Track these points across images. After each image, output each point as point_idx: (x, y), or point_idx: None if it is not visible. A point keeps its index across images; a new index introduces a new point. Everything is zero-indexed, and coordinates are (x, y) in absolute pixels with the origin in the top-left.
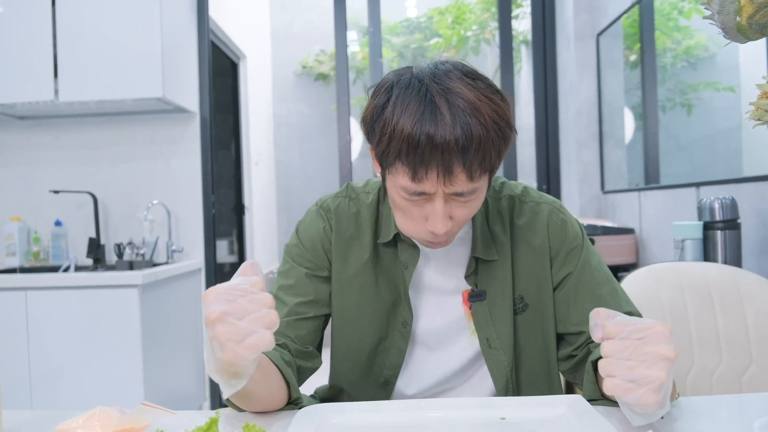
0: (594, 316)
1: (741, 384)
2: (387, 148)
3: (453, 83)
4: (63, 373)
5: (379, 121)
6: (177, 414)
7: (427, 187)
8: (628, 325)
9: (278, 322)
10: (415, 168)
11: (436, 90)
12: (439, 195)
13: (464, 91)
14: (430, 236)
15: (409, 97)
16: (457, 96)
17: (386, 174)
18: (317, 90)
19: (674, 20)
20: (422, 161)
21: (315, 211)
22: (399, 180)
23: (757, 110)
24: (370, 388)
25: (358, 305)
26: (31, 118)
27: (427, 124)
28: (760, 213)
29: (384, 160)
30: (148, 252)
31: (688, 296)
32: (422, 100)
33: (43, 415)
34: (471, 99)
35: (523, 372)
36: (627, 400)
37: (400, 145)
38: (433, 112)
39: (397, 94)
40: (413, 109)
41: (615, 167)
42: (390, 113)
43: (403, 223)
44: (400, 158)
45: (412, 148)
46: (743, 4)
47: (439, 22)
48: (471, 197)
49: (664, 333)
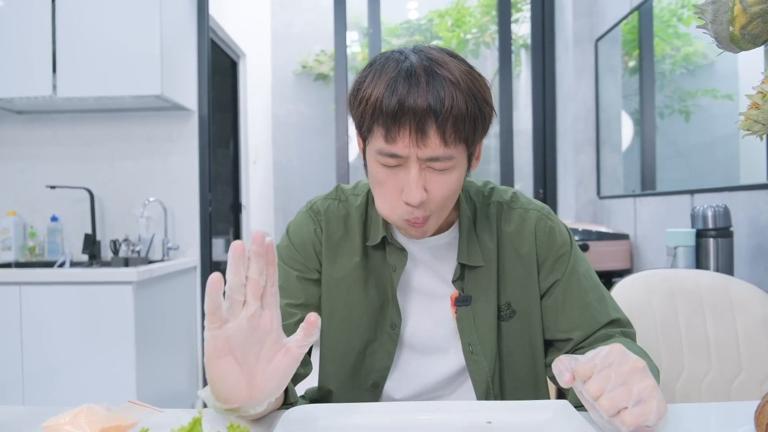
0: (557, 364)
1: (730, 391)
2: (363, 111)
3: (435, 54)
4: (56, 369)
5: (360, 90)
6: (164, 412)
7: (400, 148)
8: (594, 359)
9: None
10: (388, 127)
11: (416, 59)
12: (413, 160)
13: (445, 60)
14: (406, 212)
15: (388, 64)
16: (436, 64)
17: (366, 147)
18: (316, 90)
19: (673, 27)
20: (394, 120)
21: (305, 213)
22: (375, 144)
23: (747, 120)
24: (359, 390)
25: (347, 307)
26: (29, 113)
27: (401, 86)
28: (753, 221)
29: (362, 128)
30: (143, 249)
31: (680, 303)
32: (399, 66)
33: (31, 411)
34: (451, 69)
35: (508, 379)
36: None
37: (374, 106)
38: (408, 75)
39: (378, 64)
40: (389, 72)
41: (611, 173)
42: (369, 80)
43: (381, 201)
44: (375, 120)
45: (384, 108)
46: (736, 15)
47: (439, 25)
48: (446, 165)
49: (621, 349)
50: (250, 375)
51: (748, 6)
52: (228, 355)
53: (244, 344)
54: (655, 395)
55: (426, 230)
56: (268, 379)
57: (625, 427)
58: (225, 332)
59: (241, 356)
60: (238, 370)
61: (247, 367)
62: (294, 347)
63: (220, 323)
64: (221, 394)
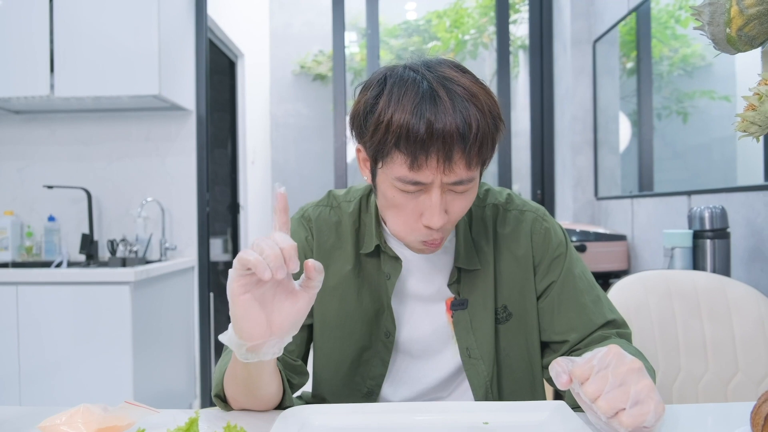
0: (554, 366)
1: (727, 392)
2: (383, 137)
3: (447, 71)
4: (53, 369)
5: (373, 112)
6: (160, 412)
7: (426, 176)
8: (591, 361)
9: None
10: (414, 155)
11: (432, 77)
12: (437, 185)
13: (460, 78)
14: (425, 234)
15: (405, 85)
16: (453, 83)
17: (378, 169)
18: (315, 90)
19: (671, 28)
20: (422, 148)
21: (297, 221)
22: (395, 170)
23: (743, 122)
24: (354, 397)
25: (339, 316)
26: (27, 112)
27: (428, 110)
28: (749, 222)
29: (379, 152)
30: (141, 249)
31: (677, 304)
32: (419, 87)
33: (28, 411)
34: (468, 86)
35: (505, 381)
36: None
37: (399, 132)
38: (432, 98)
39: (392, 83)
40: (411, 95)
41: (609, 173)
42: (386, 103)
43: (396, 223)
44: (399, 147)
45: (412, 135)
46: (733, 16)
47: (438, 26)
48: (467, 188)
49: (617, 350)
50: (270, 312)
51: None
52: (250, 293)
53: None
54: (652, 396)
55: (440, 246)
56: (285, 318)
57: (623, 428)
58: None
59: (261, 297)
60: (259, 306)
61: (266, 307)
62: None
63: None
64: (244, 331)
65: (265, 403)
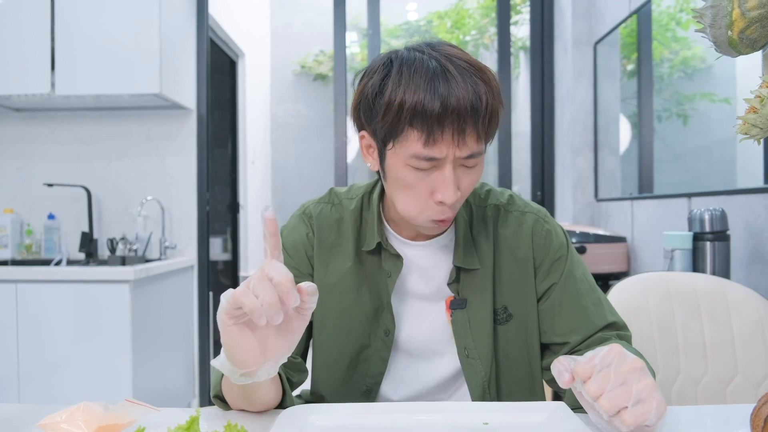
0: (557, 365)
1: (726, 394)
2: (396, 116)
3: (450, 50)
4: (52, 367)
5: (383, 94)
6: (161, 411)
7: (440, 150)
8: (593, 360)
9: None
10: (430, 131)
11: (437, 56)
12: (449, 160)
13: (463, 55)
14: (437, 212)
15: (414, 64)
16: (459, 59)
17: (388, 152)
18: (315, 90)
19: (672, 31)
20: (438, 124)
21: (298, 217)
22: (410, 148)
23: (744, 124)
24: (352, 396)
25: (339, 313)
26: (27, 110)
27: (441, 86)
28: (749, 225)
29: (391, 132)
30: (140, 248)
31: (676, 306)
32: (428, 66)
33: (28, 409)
34: (473, 61)
35: (505, 382)
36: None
37: (414, 110)
38: (443, 74)
39: (399, 64)
40: (422, 73)
41: (609, 175)
42: (395, 83)
43: (408, 203)
44: (413, 124)
45: (428, 111)
46: (735, 19)
47: (439, 26)
48: (477, 161)
49: (619, 349)
50: (262, 339)
51: (747, 11)
52: (241, 321)
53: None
54: (654, 395)
55: (450, 223)
56: (279, 341)
57: (625, 426)
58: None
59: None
60: (251, 334)
61: (259, 332)
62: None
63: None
64: (236, 359)
65: (265, 406)
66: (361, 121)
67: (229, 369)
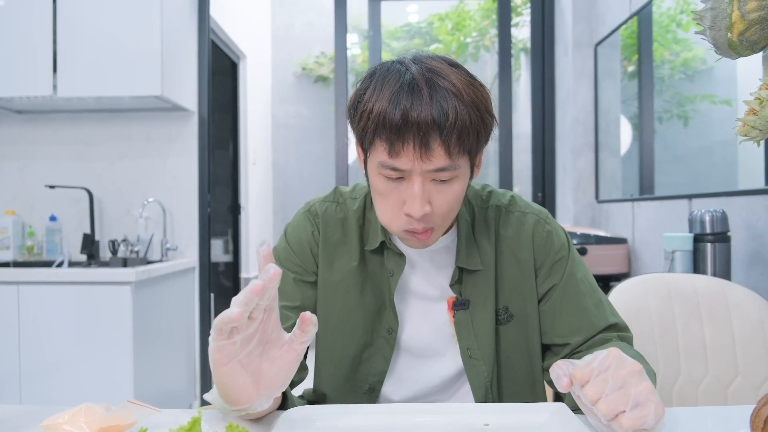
0: (555, 369)
1: (727, 395)
2: (366, 125)
3: (435, 64)
4: (53, 368)
5: (360, 102)
6: (162, 412)
7: (404, 162)
8: (592, 364)
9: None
10: (391, 142)
11: (417, 70)
12: (416, 172)
13: (446, 71)
14: (406, 222)
15: (390, 76)
16: (438, 75)
17: (367, 159)
18: (316, 92)
19: (672, 32)
20: (398, 135)
21: (303, 215)
22: (378, 157)
23: (744, 126)
24: (355, 394)
25: (343, 311)
26: (29, 112)
27: (404, 99)
28: (750, 226)
29: (364, 139)
30: (142, 249)
31: (677, 307)
32: (401, 78)
33: (30, 410)
34: (452, 80)
35: (506, 383)
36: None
37: (377, 120)
38: (411, 87)
39: (378, 75)
40: (391, 85)
41: (610, 176)
42: (370, 93)
43: (382, 211)
44: (378, 134)
45: (388, 122)
46: (734, 21)
47: (440, 28)
48: (451, 175)
49: (617, 353)
50: (256, 375)
51: (747, 13)
52: (233, 360)
53: (248, 348)
54: (652, 398)
55: (428, 242)
56: (273, 377)
57: (623, 430)
58: (232, 343)
59: (246, 359)
60: (244, 372)
61: (252, 369)
62: (295, 343)
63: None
64: (229, 397)
65: (265, 414)
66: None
67: (221, 405)
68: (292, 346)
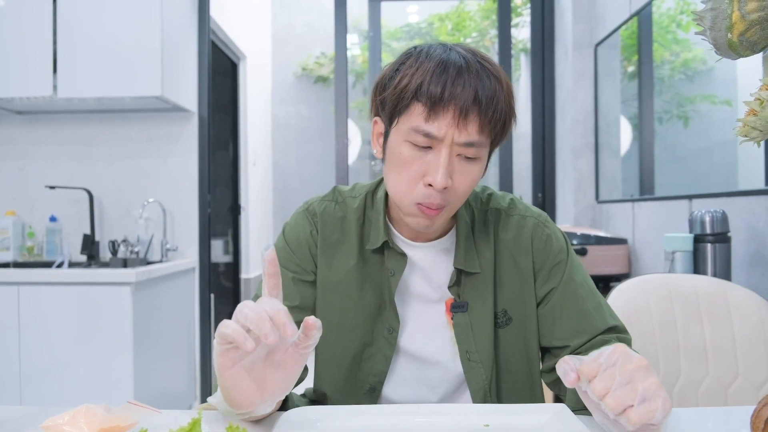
0: (562, 365)
1: (727, 396)
2: (406, 87)
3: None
4: (54, 369)
5: (398, 71)
6: (163, 413)
7: (439, 128)
8: (599, 359)
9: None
10: (432, 106)
11: (462, 49)
12: (447, 143)
13: (489, 58)
14: (423, 195)
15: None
16: (483, 59)
17: (392, 130)
18: (316, 92)
19: (672, 33)
20: (440, 100)
21: (301, 214)
22: (412, 121)
23: (744, 127)
24: (356, 395)
25: (342, 311)
26: (29, 113)
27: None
28: (750, 227)
29: (398, 104)
30: (142, 250)
31: (677, 308)
32: (448, 53)
33: (30, 411)
34: (496, 66)
35: (504, 385)
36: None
37: (419, 84)
38: (458, 62)
39: (419, 52)
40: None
41: (610, 177)
42: (411, 63)
43: (399, 182)
44: (418, 97)
45: (433, 84)
46: (734, 21)
47: (440, 29)
48: (477, 154)
49: (624, 348)
50: (260, 380)
51: (747, 13)
52: (237, 365)
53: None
54: (659, 393)
55: (435, 221)
56: (277, 381)
57: (630, 425)
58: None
59: (250, 364)
60: (248, 377)
61: (256, 373)
62: (300, 348)
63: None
64: (233, 401)
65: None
66: (376, 105)
67: (225, 408)
68: (296, 350)
